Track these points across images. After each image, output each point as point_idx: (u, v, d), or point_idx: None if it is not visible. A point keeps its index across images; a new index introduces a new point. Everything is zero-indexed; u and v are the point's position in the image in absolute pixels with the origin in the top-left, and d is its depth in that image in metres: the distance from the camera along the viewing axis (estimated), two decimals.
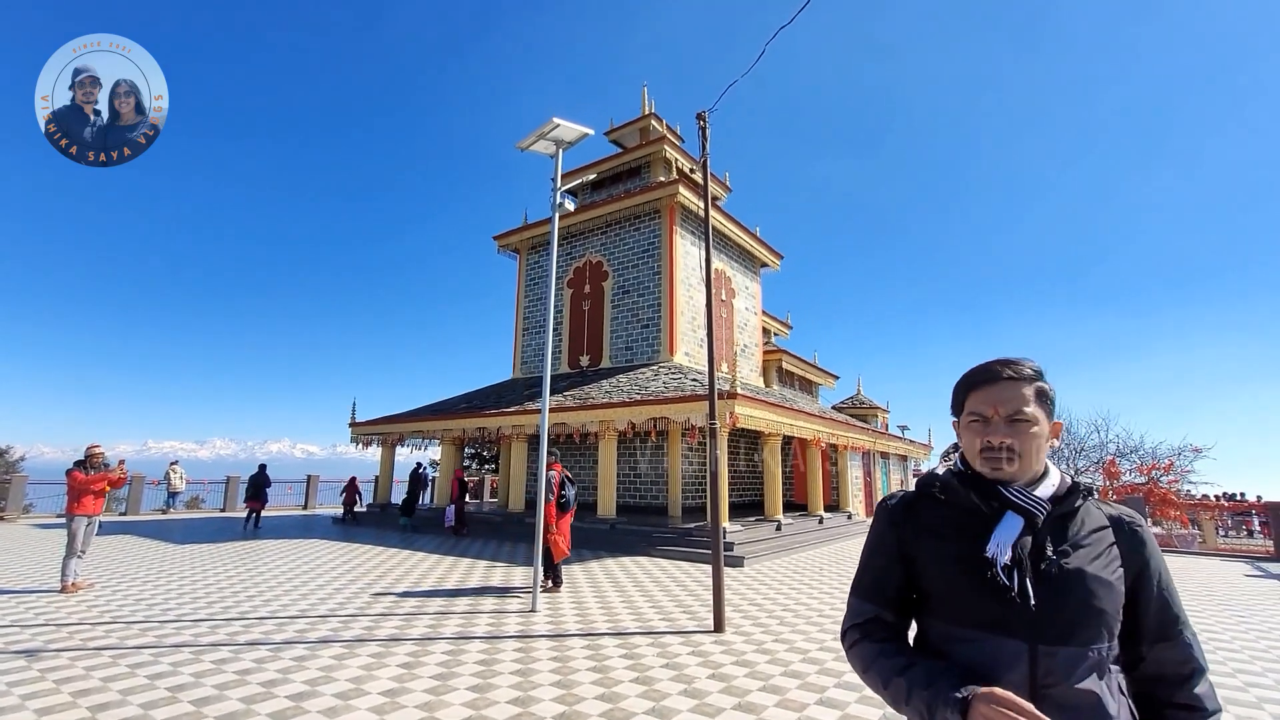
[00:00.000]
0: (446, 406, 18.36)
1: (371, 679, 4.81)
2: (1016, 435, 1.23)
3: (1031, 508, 1.21)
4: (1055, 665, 1.13)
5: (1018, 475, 1.24)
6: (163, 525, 16.56)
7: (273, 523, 17.65)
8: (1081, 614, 1.15)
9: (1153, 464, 17.04)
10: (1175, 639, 1.23)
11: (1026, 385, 1.25)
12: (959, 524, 1.27)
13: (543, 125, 8.04)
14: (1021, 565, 1.17)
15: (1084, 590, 1.16)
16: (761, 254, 21.28)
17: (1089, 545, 1.22)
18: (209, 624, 6.37)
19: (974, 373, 1.31)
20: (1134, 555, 1.25)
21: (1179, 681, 1.22)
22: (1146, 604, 1.24)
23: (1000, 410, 1.24)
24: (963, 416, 1.32)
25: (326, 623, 6.50)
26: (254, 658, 5.28)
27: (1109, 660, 1.17)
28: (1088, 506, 1.27)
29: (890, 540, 1.35)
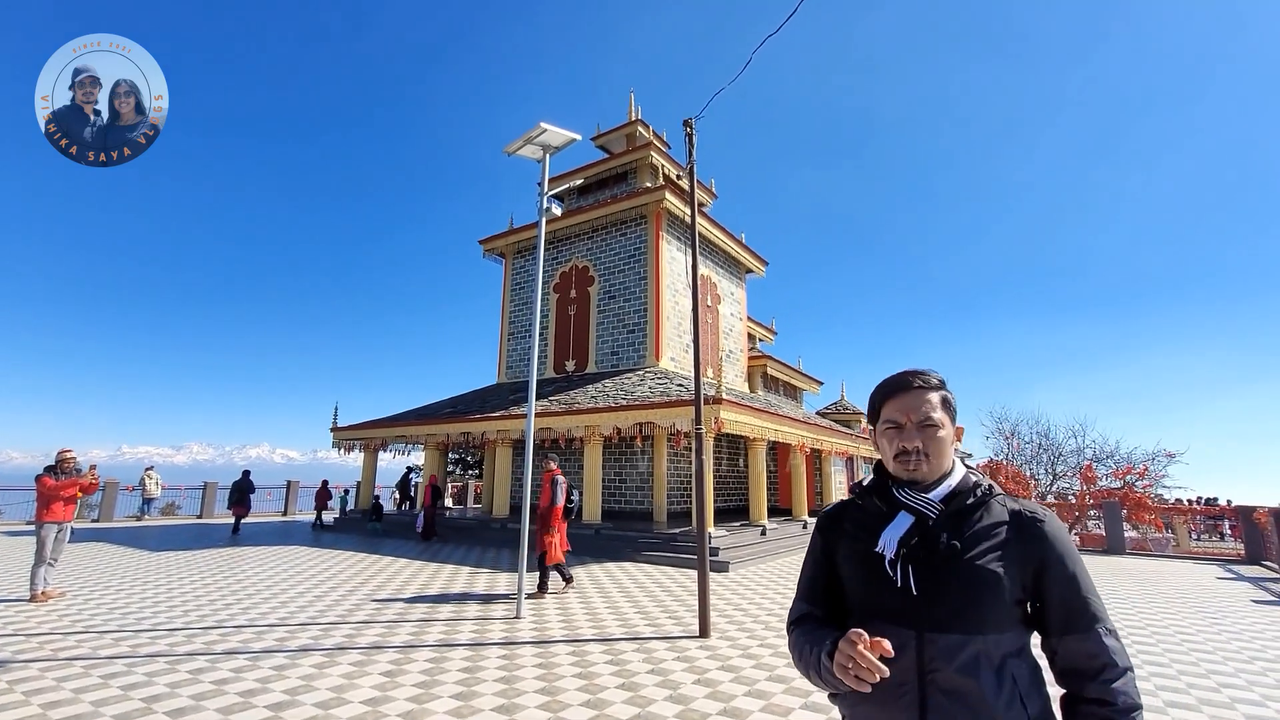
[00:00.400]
0: (430, 411, 18.21)
1: (353, 688, 4.75)
2: (926, 439, 1.35)
3: (920, 507, 1.33)
4: (938, 651, 1.23)
5: (928, 475, 1.35)
6: (137, 532, 16.20)
7: (251, 529, 17.35)
8: (963, 604, 1.23)
9: (1128, 468, 17.38)
10: (1085, 633, 1.26)
11: (933, 393, 1.38)
12: (867, 526, 1.39)
13: (530, 130, 8.04)
14: (905, 560, 1.29)
15: (967, 582, 1.25)
16: (747, 260, 21.41)
17: (980, 539, 1.29)
18: (185, 633, 6.24)
19: (888, 384, 1.43)
20: (1033, 550, 1.29)
21: (1089, 675, 1.25)
22: (1051, 597, 1.29)
23: (912, 417, 1.36)
24: (879, 424, 1.43)
25: (306, 631, 6.40)
26: (231, 667, 5.18)
27: (1000, 650, 1.24)
28: (990, 504, 1.34)
29: (819, 545, 1.50)
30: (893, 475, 1.41)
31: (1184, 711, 4.50)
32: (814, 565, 1.50)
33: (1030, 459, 19.70)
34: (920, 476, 1.35)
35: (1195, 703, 4.69)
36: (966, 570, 1.25)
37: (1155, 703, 4.67)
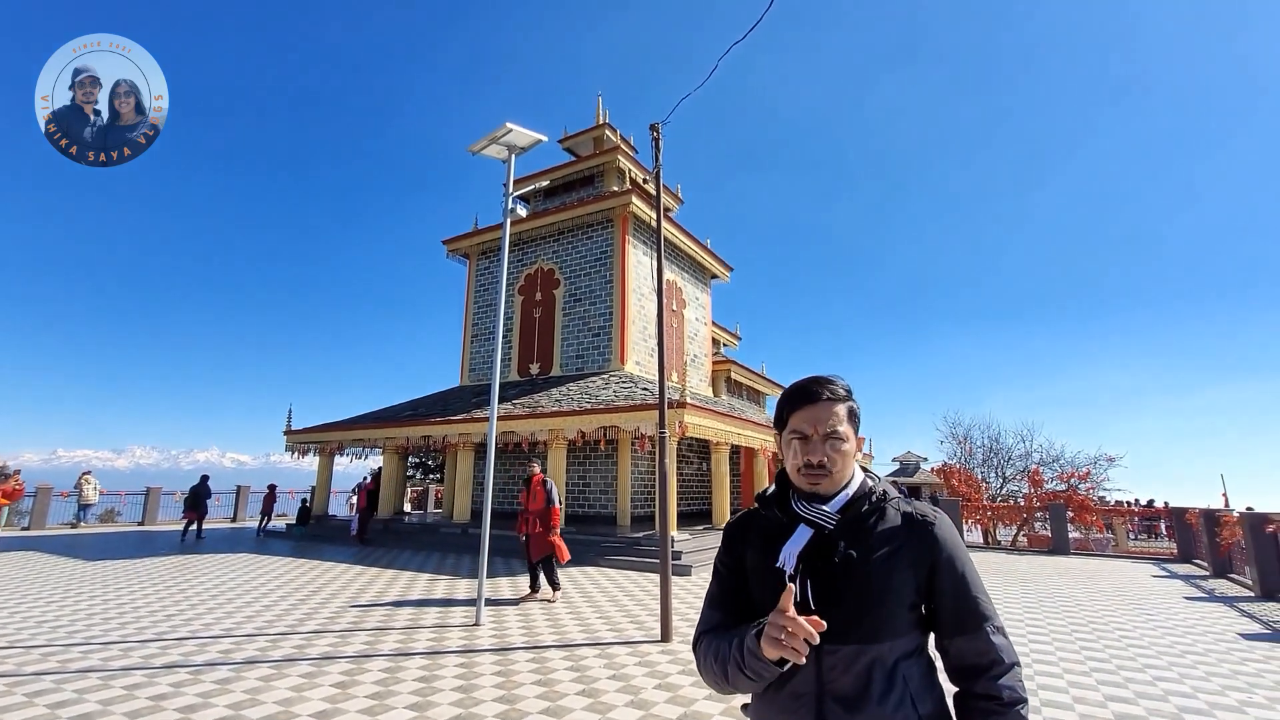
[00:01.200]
0: (389, 414, 17.79)
1: (302, 700, 4.58)
2: (830, 452, 1.34)
3: (818, 519, 1.34)
4: (837, 662, 1.24)
5: (830, 488, 1.36)
6: (73, 540, 15.34)
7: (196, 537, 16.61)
8: (860, 614, 1.24)
9: (1071, 472, 18.13)
10: (975, 632, 1.29)
11: (840, 405, 1.37)
12: (769, 538, 1.38)
13: (496, 129, 7.95)
14: (803, 573, 1.29)
15: (863, 590, 1.26)
16: (712, 265, 21.61)
17: (875, 547, 1.30)
18: (121, 646, 5.92)
19: (796, 393, 1.40)
20: (924, 552, 1.31)
21: (979, 672, 1.27)
22: (943, 597, 1.31)
23: (819, 429, 1.34)
24: (785, 433, 1.41)
25: (253, 642, 6.15)
26: (171, 681, 4.94)
27: (894, 654, 1.26)
28: (885, 509, 1.35)
29: (726, 555, 1.47)
30: (794, 485, 1.40)
31: (1122, 705, 4.69)
32: (724, 577, 1.47)
33: (982, 463, 20.38)
34: (822, 490, 1.35)
35: (1133, 696, 4.91)
36: (862, 579, 1.26)
37: (1096, 696, 4.86)
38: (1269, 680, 5.36)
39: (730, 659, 1.27)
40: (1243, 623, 7.79)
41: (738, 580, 1.43)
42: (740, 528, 1.49)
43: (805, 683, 1.26)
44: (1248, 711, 4.58)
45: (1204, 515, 13.06)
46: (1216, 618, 8.06)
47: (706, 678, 1.37)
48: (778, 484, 1.46)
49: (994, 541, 18.28)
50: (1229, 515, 12.11)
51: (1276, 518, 9.89)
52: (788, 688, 1.28)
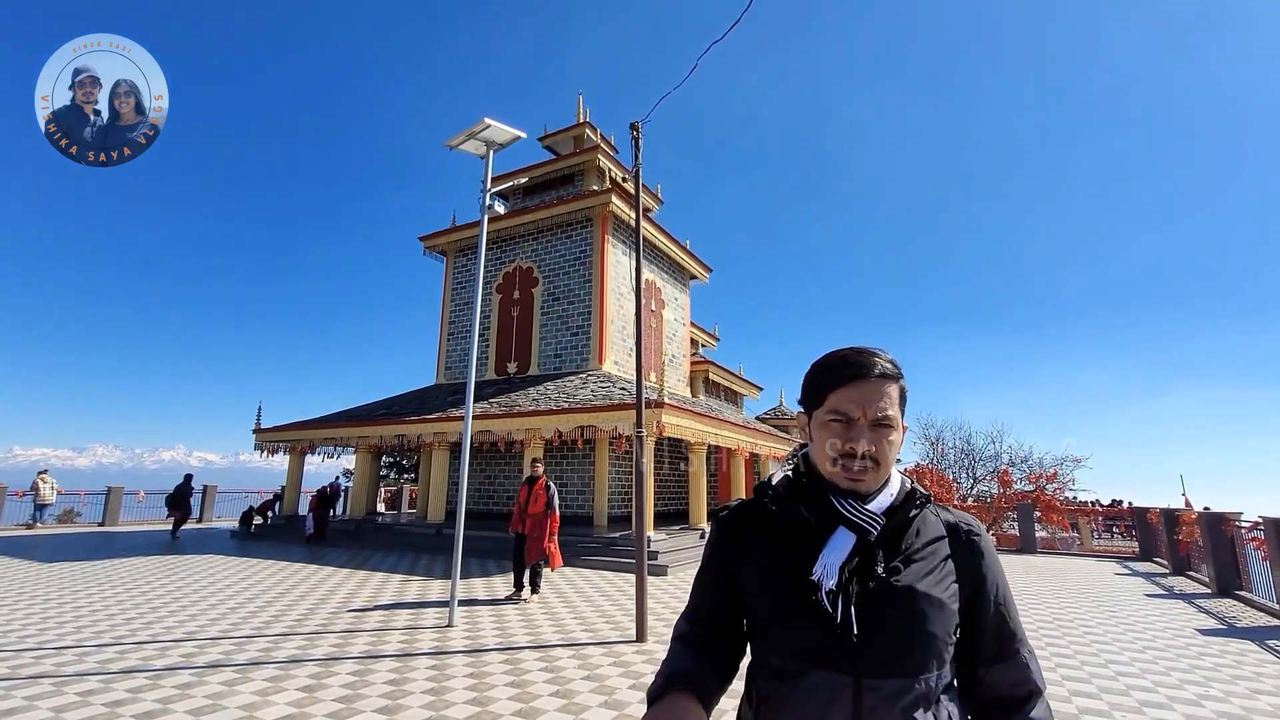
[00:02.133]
0: (363, 412, 17.49)
1: (266, 705, 4.46)
2: (879, 441, 1.09)
3: (865, 523, 1.09)
4: (879, 701, 1.01)
5: (872, 485, 1.11)
6: (28, 542, 14.79)
7: (163, 536, 16.16)
8: (909, 640, 1.04)
9: (1039, 473, 18.58)
10: (1013, 659, 1.13)
11: (893, 385, 1.12)
12: (788, 539, 1.14)
13: (474, 125, 7.86)
14: (848, 591, 1.05)
15: (913, 613, 1.05)
16: (691, 266, 21.67)
17: (922, 560, 1.11)
18: (76, 651, 5.71)
19: (841, 365, 1.13)
20: (971, 568, 1.14)
21: (1014, 706, 1.11)
22: (984, 621, 1.13)
23: (868, 412, 1.09)
24: (820, 412, 1.14)
25: (218, 645, 5.98)
26: (129, 687, 4.77)
27: (939, 690, 1.06)
28: (924, 514, 1.16)
29: (717, 557, 1.22)
30: (825, 478, 1.14)
31: (1086, 699, 4.80)
32: (709, 583, 1.22)
33: (953, 463, 20.77)
34: (864, 487, 1.10)
35: (1096, 690, 5.02)
36: (909, 599, 1.06)
37: (1061, 691, 4.96)
38: (1224, 674, 5.53)
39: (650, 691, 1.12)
40: (1200, 618, 8.04)
41: (729, 591, 1.19)
42: (738, 524, 1.21)
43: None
44: (1204, 704, 4.72)
45: (1164, 515, 13.47)
46: (1176, 614, 8.31)
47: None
48: (806, 473, 1.17)
49: None
50: (1188, 515, 12.51)
51: (1233, 517, 10.23)
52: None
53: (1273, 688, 5.17)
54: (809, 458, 1.19)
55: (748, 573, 1.16)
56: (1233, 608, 8.80)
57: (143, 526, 19.50)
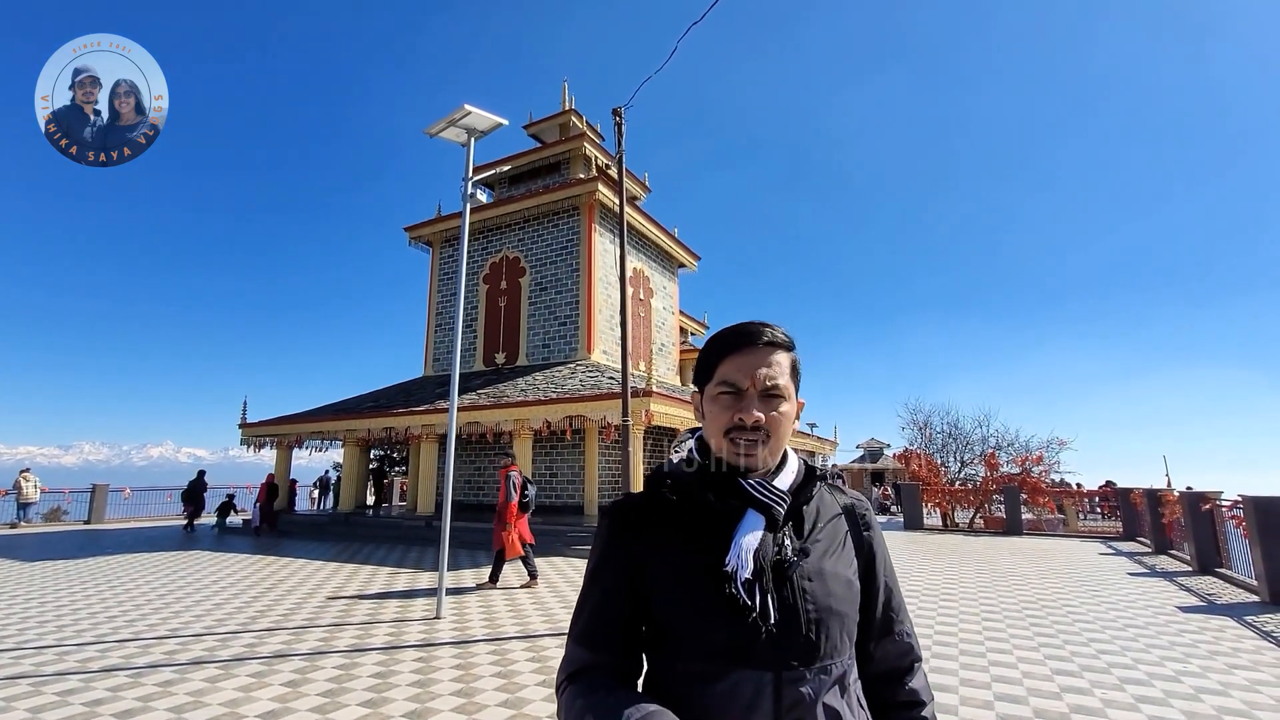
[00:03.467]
0: (350, 405, 17.36)
1: (249, 700, 4.42)
2: (769, 412, 1.03)
3: (773, 502, 1.02)
4: (800, 693, 0.95)
5: (765, 463, 1.05)
6: (11, 541, 14.61)
7: (149, 533, 16.01)
8: (825, 622, 0.99)
9: (1025, 455, 18.76)
10: (899, 632, 1.13)
11: (783, 354, 1.07)
12: (692, 530, 1.04)
13: (454, 112, 7.73)
14: (763, 579, 0.97)
15: (826, 593, 1.01)
16: (679, 254, 21.59)
17: (826, 538, 1.07)
18: (56, 650, 5.64)
19: (730, 335, 1.08)
20: (865, 545, 1.12)
21: (901, 675, 1.12)
22: (876, 597, 1.12)
23: (757, 381, 1.03)
24: (710, 386, 1.07)
25: (201, 642, 5.93)
26: (109, 686, 4.72)
27: (851, 672, 1.03)
28: (822, 492, 1.13)
29: (612, 557, 1.07)
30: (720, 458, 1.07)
31: (1067, 678, 4.86)
32: (607, 586, 1.06)
33: (941, 448, 20.93)
34: (756, 462, 1.03)
35: (1078, 669, 5.08)
36: (821, 580, 1.01)
37: (1043, 670, 5.02)
38: (1203, 650, 5.62)
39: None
40: (1181, 596, 8.17)
41: (626, 594, 1.04)
42: (637, 516, 1.08)
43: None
44: (1182, 680, 4.79)
45: (1146, 495, 13.66)
46: (1157, 592, 8.44)
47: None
48: (700, 454, 1.09)
49: (952, 524, 18.83)
50: (1169, 495, 12.69)
51: (1213, 496, 10.38)
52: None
53: (1249, 662, 5.26)
54: (703, 440, 1.11)
55: (650, 573, 1.03)
56: (1213, 585, 8.95)
57: (129, 524, 19.31)
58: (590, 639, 1.04)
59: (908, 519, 18.45)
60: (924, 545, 13.86)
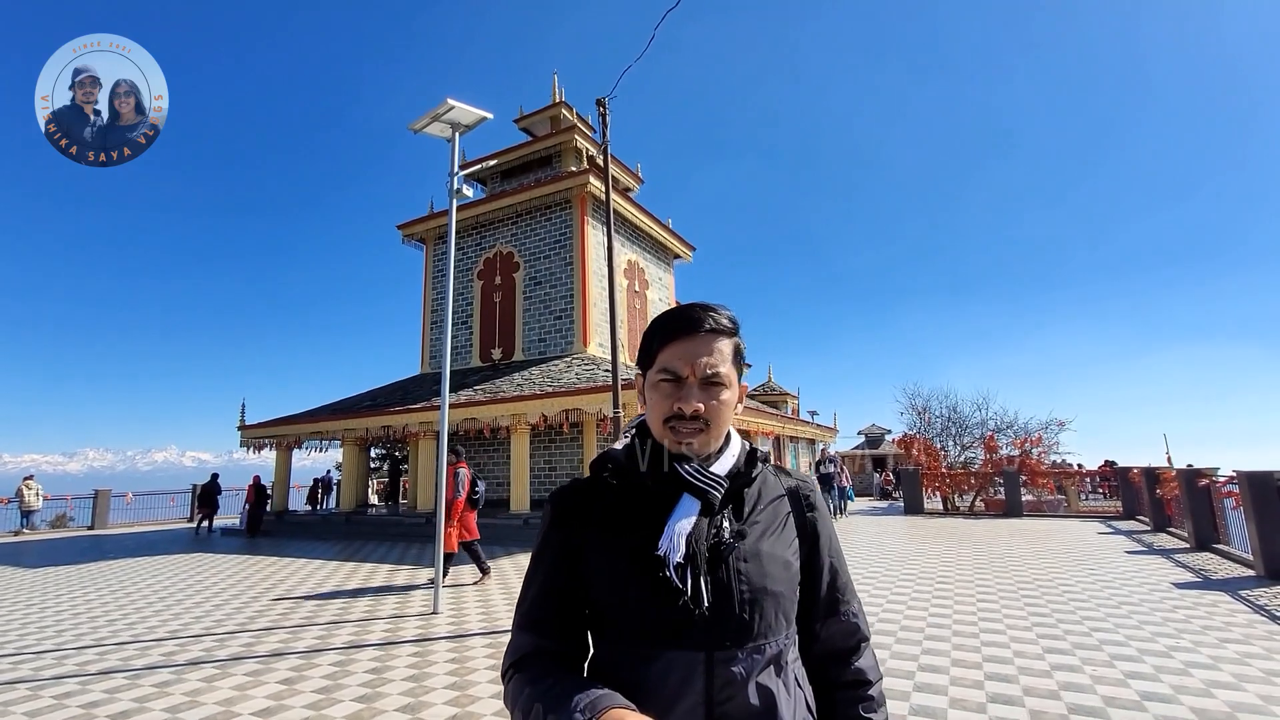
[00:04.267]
0: (348, 405, 17.38)
1: (244, 699, 4.45)
2: (709, 400, 1.03)
3: (709, 487, 1.03)
4: (732, 673, 0.97)
5: (704, 449, 1.05)
6: (16, 548, 14.67)
7: (151, 538, 16.08)
8: (759, 603, 1.01)
9: (1024, 438, 18.77)
10: (845, 612, 1.15)
11: (725, 340, 1.06)
12: (631, 514, 1.05)
13: (437, 106, 7.68)
14: (695, 562, 0.98)
15: (761, 574, 1.02)
16: (674, 245, 21.53)
17: (765, 520, 1.09)
18: (56, 654, 5.68)
19: (672, 320, 1.07)
20: (809, 525, 1.14)
21: (846, 655, 1.14)
22: (820, 578, 1.13)
23: (697, 370, 1.03)
24: (651, 373, 1.07)
25: (199, 642, 5.96)
26: (106, 688, 4.75)
27: (788, 651, 1.04)
28: (765, 475, 1.14)
29: (555, 542, 1.08)
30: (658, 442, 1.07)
31: (1059, 655, 4.88)
32: (549, 576, 1.07)
33: (940, 432, 20.93)
34: (694, 450, 1.04)
35: (1069, 647, 5.10)
36: (756, 561, 1.03)
37: (1035, 649, 5.04)
38: (1196, 625, 5.64)
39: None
40: (1177, 573, 8.20)
41: (571, 582, 1.06)
42: (577, 500, 1.10)
43: (691, 712, 0.95)
44: (1174, 655, 4.81)
45: (1145, 473, 13.67)
46: (1154, 569, 8.46)
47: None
48: (640, 440, 1.10)
49: (953, 507, 18.87)
50: (1167, 472, 12.71)
51: (1209, 473, 10.39)
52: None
53: (1241, 636, 5.28)
54: (645, 426, 1.11)
55: (589, 558, 1.04)
56: (1209, 561, 8.97)
57: (132, 529, 19.40)
58: (534, 624, 1.05)
59: (908, 503, 18.50)
60: (923, 529, 13.90)
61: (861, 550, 10.87)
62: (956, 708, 3.93)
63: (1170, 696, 4.00)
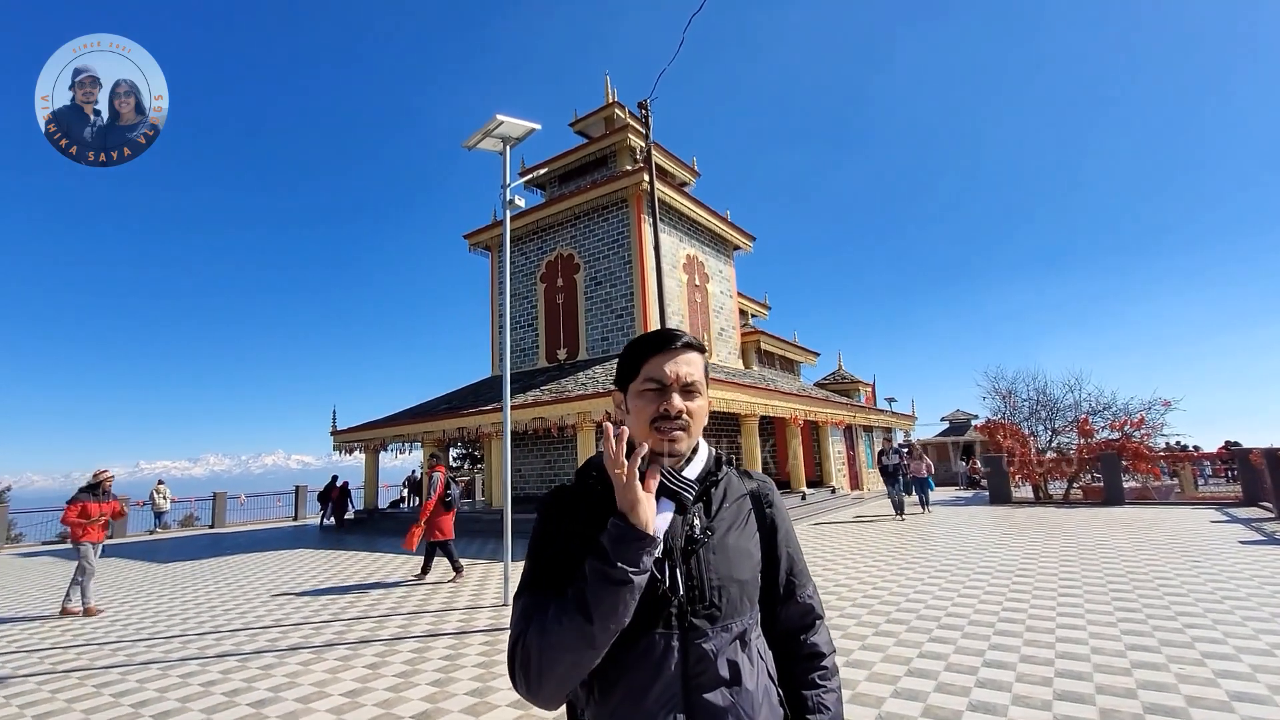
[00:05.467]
0: (426, 408, 18.38)
1: (335, 681, 4.91)
2: (689, 404, 1.20)
3: (682, 489, 1.17)
4: (704, 649, 1.12)
5: (685, 450, 1.20)
6: (151, 545, 16.53)
7: (261, 535, 17.67)
8: (726, 589, 1.16)
9: (1124, 419, 17.34)
10: (800, 596, 1.31)
11: (698, 355, 1.25)
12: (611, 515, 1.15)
13: (487, 123, 8.03)
14: (672, 556, 1.14)
15: (727, 564, 1.18)
16: (733, 237, 21.31)
17: (730, 517, 1.25)
18: (180, 639, 6.43)
19: (653, 338, 1.24)
20: (767, 519, 1.31)
21: (803, 632, 1.30)
22: (778, 566, 1.30)
23: (679, 378, 1.19)
24: (636, 383, 1.22)
25: (299, 630, 6.58)
26: (221, 669, 5.36)
27: (751, 629, 1.20)
28: (729, 476, 1.30)
29: (548, 535, 1.20)
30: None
31: (1142, 653, 4.58)
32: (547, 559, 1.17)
33: (1028, 416, 19.67)
34: (678, 449, 1.18)
35: (1156, 644, 4.78)
36: (723, 553, 1.19)
37: (1116, 646, 4.75)
38: None
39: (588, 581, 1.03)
40: None
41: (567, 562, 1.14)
42: (568, 501, 1.23)
43: (670, 683, 1.10)
44: (1277, 654, 4.41)
45: (1267, 455, 12.37)
46: (1269, 561, 7.70)
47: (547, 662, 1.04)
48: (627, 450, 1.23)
49: (1045, 496, 17.74)
50: None
51: None
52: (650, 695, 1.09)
53: None
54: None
55: (579, 554, 1.12)
56: None
57: (245, 527, 21.36)
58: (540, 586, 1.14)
59: (993, 492, 17.56)
60: (1009, 520, 13.18)
61: (935, 543, 10.47)
62: (1020, 704, 3.80)
63: (1265, 698, 3.69)
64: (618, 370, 1.29)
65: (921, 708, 3.84)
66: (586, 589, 1.03)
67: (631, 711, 1.10)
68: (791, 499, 15.47)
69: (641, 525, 1.04)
